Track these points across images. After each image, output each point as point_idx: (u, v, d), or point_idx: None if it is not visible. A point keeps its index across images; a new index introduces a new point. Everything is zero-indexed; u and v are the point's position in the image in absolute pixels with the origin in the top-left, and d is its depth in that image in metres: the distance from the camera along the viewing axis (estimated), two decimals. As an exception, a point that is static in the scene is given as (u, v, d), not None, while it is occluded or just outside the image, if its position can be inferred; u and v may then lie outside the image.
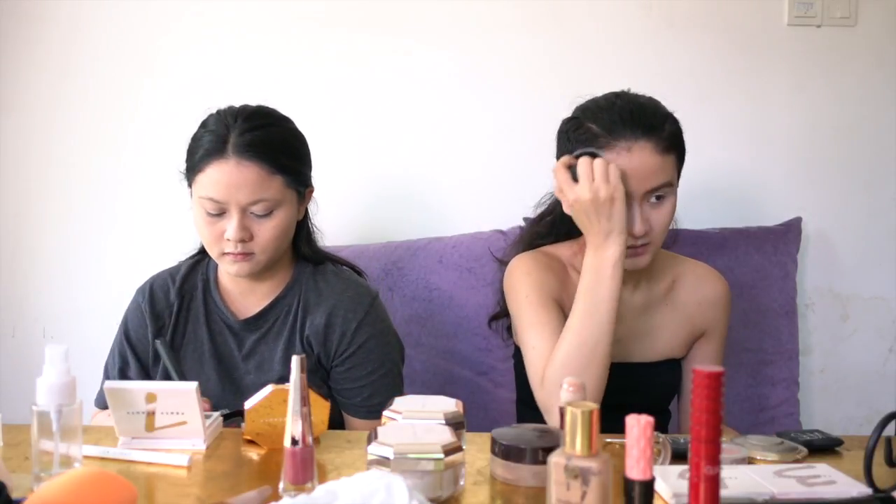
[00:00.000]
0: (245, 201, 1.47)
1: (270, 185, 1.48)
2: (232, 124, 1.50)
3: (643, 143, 1.44)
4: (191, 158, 1.53)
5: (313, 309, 1.57)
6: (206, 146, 1.49)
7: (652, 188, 1.46)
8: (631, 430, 0.88)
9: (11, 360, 2.15)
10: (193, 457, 1.17)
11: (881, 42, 2.12)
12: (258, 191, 1.47)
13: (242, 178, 1.47)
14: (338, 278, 1.61)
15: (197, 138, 1.53)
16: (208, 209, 1.49)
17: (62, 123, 2.13)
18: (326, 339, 1.56)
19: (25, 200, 2.15)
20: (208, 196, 1.48)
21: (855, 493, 1.04)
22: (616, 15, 2.11)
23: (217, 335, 1.59)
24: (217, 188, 1.47)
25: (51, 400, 1.04)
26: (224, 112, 1.55)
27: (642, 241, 1.47)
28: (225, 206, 1.48)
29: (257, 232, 1.50)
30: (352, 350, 1.56)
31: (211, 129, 1.51)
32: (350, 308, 1.56)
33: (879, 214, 2.16)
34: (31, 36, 2.12)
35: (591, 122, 1.48)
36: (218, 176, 1.47)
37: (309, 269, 1.61)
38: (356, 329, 1.55)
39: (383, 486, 0.88)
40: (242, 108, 1.55)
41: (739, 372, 1.99)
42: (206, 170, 1.48)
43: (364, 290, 1.61)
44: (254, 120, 1.52)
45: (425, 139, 2.14)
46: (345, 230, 2.05)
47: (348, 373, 1.56)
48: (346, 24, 2.11)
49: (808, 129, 2.14)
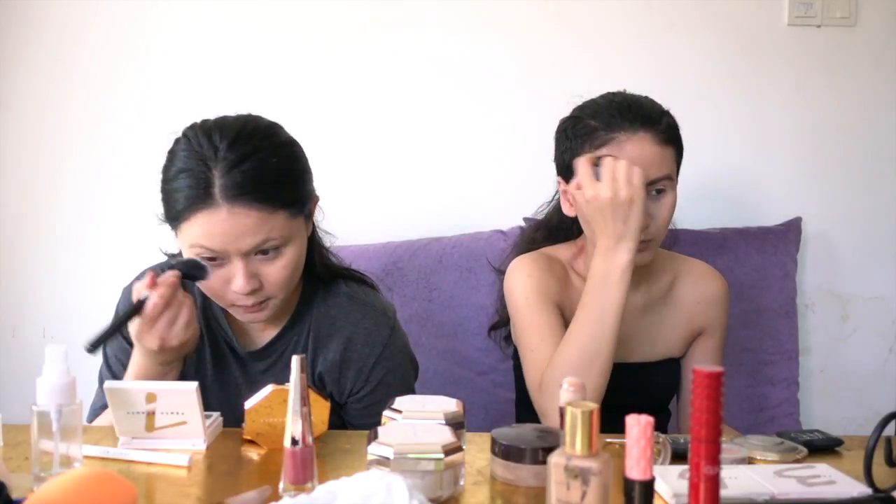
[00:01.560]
0: (247, 247, 1.27)
1: (273, 223, 1.28)
2: (212, 158, 1.26)
3: (642, 133, 1.45)
4: (168, 206, 1.30)
5: (325, 341, 1.42)
6: (186, 193, 1.26)
7: (652, 180, 1.45)
8: (631, 430, 0.88)
9: (11, 360, 2.15)
10: (193, 457, 1.17)
11: (881, 42, 2.13)
12: (261, 233, 1.27)
13: (239, 226, 1.25)
14: (352, 303, 1.44)
15: (170, 175, 1.30)
16: (206, 256, 1.29)
17: (62, 123, 2.13)
18: (341, 377, 1.42)
19: (26, 201, 2.15)
20: (202, 246, 1.27)
21: (855, 494, 1.04)
22: (616, 15, 2.11)
23: (220, 359, 1.44)
24: (210, 239, 1.26)
25: (51, 400, 1.04)
26: (197, 138, 1.29)
27: (643, 235, 1.47)
28: (224, 255, 1.28)
29: (267, 275, 1.30)
30: (370, 388, 1.42)
31: (187, 169, 1.27)
32: (367, 342, 1.41)
33: (879, 214, 2.16)
34: (22, 37, 2.11)
35: (590, 119, 1.49)
36: (208, 227, 1.25)
37: (320, 291, 1.44)
38: (374, 365, 1.41)
39: (383, 486, 0.88)
40: (219, 127, 1.30)
41: (739, 372, 1.99)
42: (191, 219, 1.27)
43: (381, 318, 1.44)
44: (238, 147, 1.27)
45: (425, 139, 2.14)
46: (345, 230, 2.04)
47: (366, 410, 1.43)
48: (345, 23, 2.11)
49: (808, 129, 2.14)
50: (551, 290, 1.55)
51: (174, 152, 1.32)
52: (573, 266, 1.61)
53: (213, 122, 1.33)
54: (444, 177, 2.14)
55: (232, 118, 1.34)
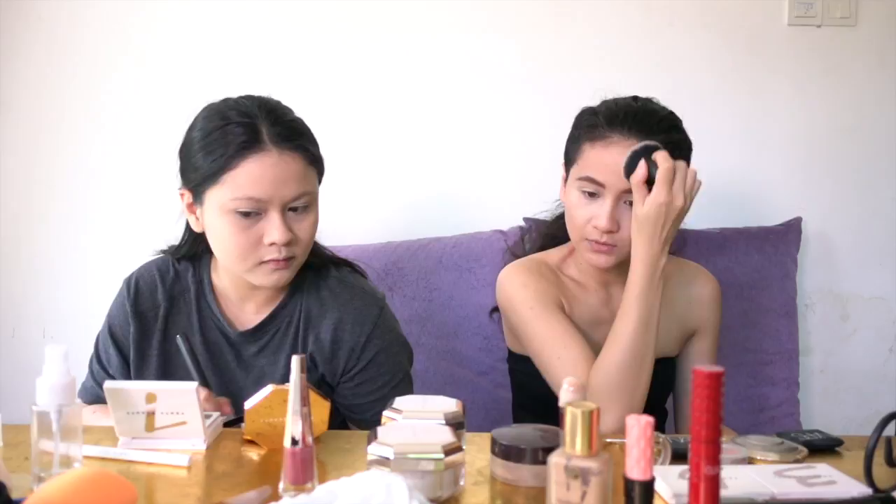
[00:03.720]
0: (290, 196, 1.35)
1: (310, 178, 1.38)
2: (256, 114, 1.36)
3: (631, 141, 1.45)
4: (205, 162, 1.35)
5: (316, 322, 1.45)
6: (235, 139, 1.33)
7: (626, 189, 1.44)
8: (631, 430, 0.88)
9: (11, 360, 2.15)
10: (193, 457, 1.17)
11: (881, 42, 2.13)
12: (303, 183, 1.36)
13: (288, 170, 1.34)
14: (342, 285, 1.49)
15: (199, 139, 1.37)
16: (244, 210, 1.34)
17: (62, 124, 2.13)
18: (333, 357, 1.45)
19: (26, 201, 2.15)
20: (247, 196, 1.33)
21: (855, 494, 1.04)
22: (616, 15, 2.11)
23: (212, 345, 1.47)
24: (259, 185, 1.32)
25: (51, 400, 1.04)
26: (229, 104, 1.40)
27: (606, 238, 1.47)
28: (264, 206, 1.34)
29: (299, 230, 1.37)
30: (361, 366, 1.46)
31: (231, 122, 1.35)
32: (357, 321, 1.45)
33: (879, 214, 2.16)
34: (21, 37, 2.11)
35: (601, 114, 1.50)
36: (260, 171, 1.32)
37: (310, 275, 1.49)
38: (365, 344, 1.45)
39: (383, 486, 0.88)
40: (249, 98, 1.41)
41: (739, 372, 1.99)
42: (241, 166, 1.33)
43: (370, 299, 1.49)
44: (275, 110, 1.39)
45: (425, 139, 2.14)
46: (345, 230, 2.05)
47: (357, 388, 1.46)
48: (346, 23, 2.11)
49: (808, 129, 2.14)
50: (551, 294, 1.55)
51: (198, 122, 1.40)
52: (562, 269, 1.62)
53: (238, 96, 1.42)
54: (445, 177, 2.14)
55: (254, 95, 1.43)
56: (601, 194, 1.47)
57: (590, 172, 1.48)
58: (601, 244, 1.49)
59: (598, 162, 1.47)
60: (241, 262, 1.38)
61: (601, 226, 1.46)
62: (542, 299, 1.53)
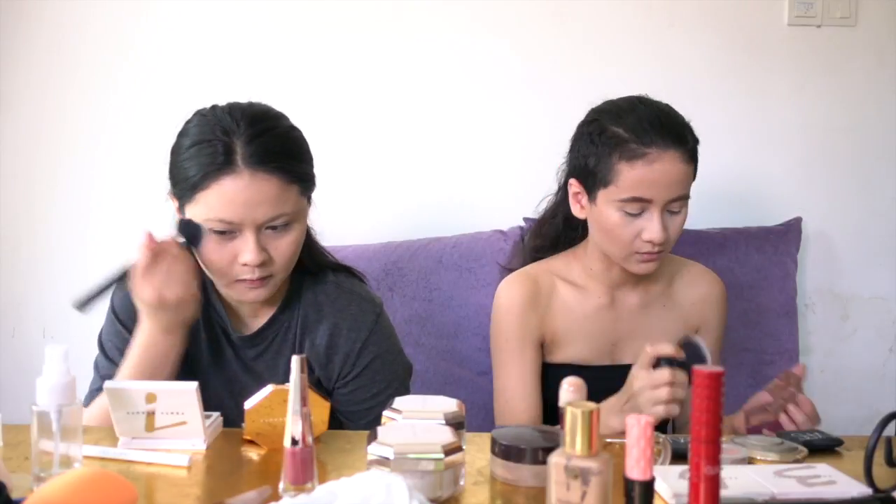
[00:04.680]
0: (263, 219, 1.31)
1: (288, 196, 1.33)
2: (233, 131, 1.31)
3: (672, 151, 1.46)
4: (183, 177, 1.33)
5: (313, 327, 1.45)
6: (208, 160, 1.30)
7: (674, 198, 1.47)
8: (631, 430, 0.88)
9: (11, 360, 2.15)
10: (193, 457, 1.17)
11: (881, 42, 2.13)
12: (278, 205, 1.31)
13: (261, 193, 1.29)
14: (339, 291, 1.47)
15: (184, 149, 1.34)
16: (218, 230, 1.31)
17: (62, 124, 2.13)
18: (329, 361, 1.44)
19: (26, 201, 2.15)
20: (218, 217, 1.30)
21: (855, 494, 1.04)
22: (616, 15, 2.11)
23: (215, 343, 1.46)
24: (230, 208, 1.29)
25: (51, 400, 1.04)
26: (215, 114, 1.35)
27: (658, 248, 1.49)
28: (237, 227, 1.31)
29: (275, 250, 1.34)
30: (356, 371, 1.44)
31: (208, 139, 1.31)
32: (353, 326, 1.44)
33: (879, 214, 2.16)
34: (21, 37, 2.11)
35: (617, 126, 1.48)
36: (231, 194, 1.29)
37: (308, 280, 1.47)
38: (361, 349, 1.44)
39: (383, 486, 0.88)
40: (235, 107, 1.36)
41: (739, 372, 1.99)
42: (211, 187, 1.29)
43: (367, 304, 1.47)
44: (258, 123, 1.34)
45: (425, 139, 2.14)
46: (345, 230, 2.05)
47: (352, 395, 1.45)
48: (345, 22, 2.11)
49: (808, 129, 2.14)
50: (531, 324, 1.59)
51: (188, 129, 1.36)
52: (564, 275, 1.62)
53: (227, 104, 1.38)
54: (445, 177, 2.14)
55: (244, 103, 1.39)
56: (647, 209, 1.48)
57: (636, 193, 1.46)
58: (653, 254, 1.50)
59: (643, 181, 1.46)
60: (219, 277, 1.38)
61: (656, 239, 1.47)
62: (522, 335, 1.59)
